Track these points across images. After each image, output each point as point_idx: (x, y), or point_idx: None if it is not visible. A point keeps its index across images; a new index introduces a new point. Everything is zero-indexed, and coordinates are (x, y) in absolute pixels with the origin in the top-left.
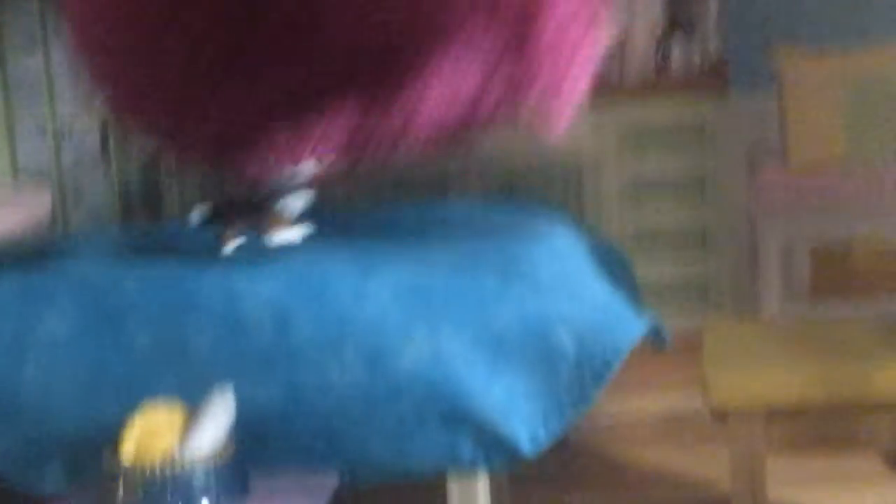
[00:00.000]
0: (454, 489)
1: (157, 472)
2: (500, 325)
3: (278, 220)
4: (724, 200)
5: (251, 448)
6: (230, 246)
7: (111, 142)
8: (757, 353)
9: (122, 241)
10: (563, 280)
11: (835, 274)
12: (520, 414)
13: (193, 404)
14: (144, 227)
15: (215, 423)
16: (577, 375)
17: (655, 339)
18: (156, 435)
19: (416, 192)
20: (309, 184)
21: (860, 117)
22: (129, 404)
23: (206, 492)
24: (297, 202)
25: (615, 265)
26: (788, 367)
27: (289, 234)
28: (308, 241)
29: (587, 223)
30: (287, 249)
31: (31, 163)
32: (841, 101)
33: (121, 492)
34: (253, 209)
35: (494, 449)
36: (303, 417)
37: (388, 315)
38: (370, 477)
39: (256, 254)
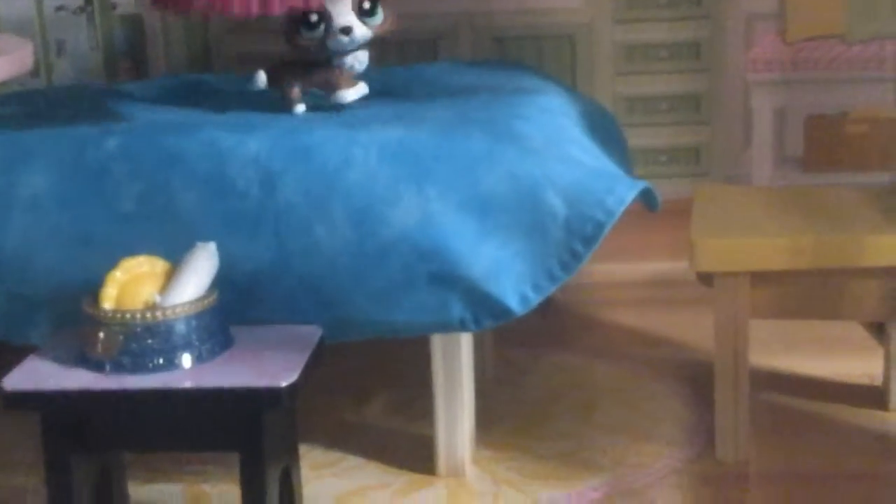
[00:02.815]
0: (437, 348)
1: (138, 320)
2: (488, 185)
3: (347, 79)
4: (720, 68)
5: (238, 305)
6: (300, 106)
7: None
8: (745, 217)
9: (142, 92)
10: (554, 141)
11: (829, 144)
12: (509, 274)
13: (178, 261)
14: (190, 77)
15: (197, 276)
16: (567, 236)
17: (647, 202)
18: (137, 285)
19: (404, 56)
20: (365, 44)
21: None
22: (114, 261)
23: (186, 341)
24: (361, 59)
25: (606, 129)
26: (776, 231)
27: (357, 91)
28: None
29: (579, 88)
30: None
31: (12, 14)
32: None
33: (101, 338)
34: (312, 70)
35: (483, 309)
36: (290, 276)
37: (376, 177)
38: (357, 335)
39: (331, 112)
